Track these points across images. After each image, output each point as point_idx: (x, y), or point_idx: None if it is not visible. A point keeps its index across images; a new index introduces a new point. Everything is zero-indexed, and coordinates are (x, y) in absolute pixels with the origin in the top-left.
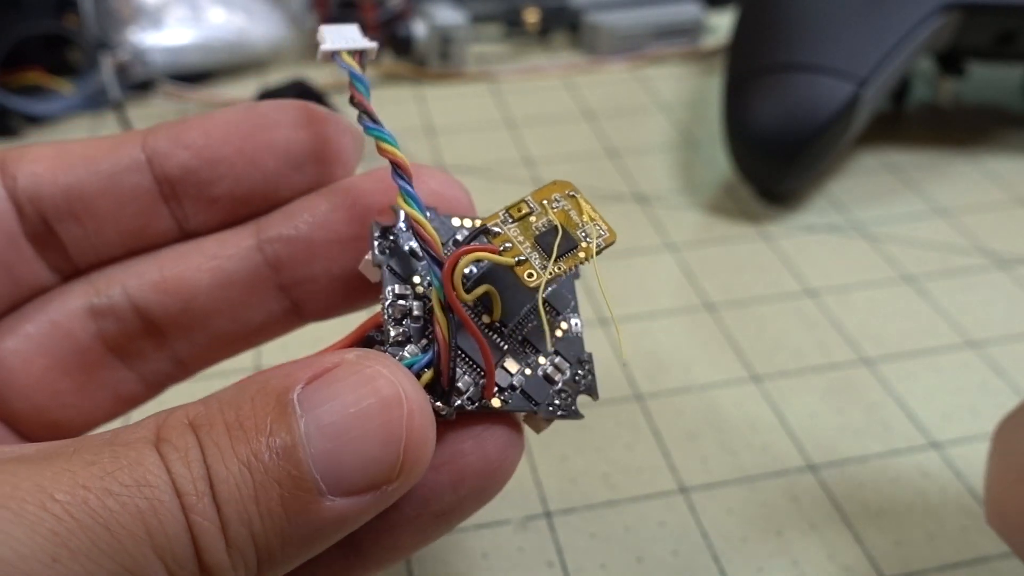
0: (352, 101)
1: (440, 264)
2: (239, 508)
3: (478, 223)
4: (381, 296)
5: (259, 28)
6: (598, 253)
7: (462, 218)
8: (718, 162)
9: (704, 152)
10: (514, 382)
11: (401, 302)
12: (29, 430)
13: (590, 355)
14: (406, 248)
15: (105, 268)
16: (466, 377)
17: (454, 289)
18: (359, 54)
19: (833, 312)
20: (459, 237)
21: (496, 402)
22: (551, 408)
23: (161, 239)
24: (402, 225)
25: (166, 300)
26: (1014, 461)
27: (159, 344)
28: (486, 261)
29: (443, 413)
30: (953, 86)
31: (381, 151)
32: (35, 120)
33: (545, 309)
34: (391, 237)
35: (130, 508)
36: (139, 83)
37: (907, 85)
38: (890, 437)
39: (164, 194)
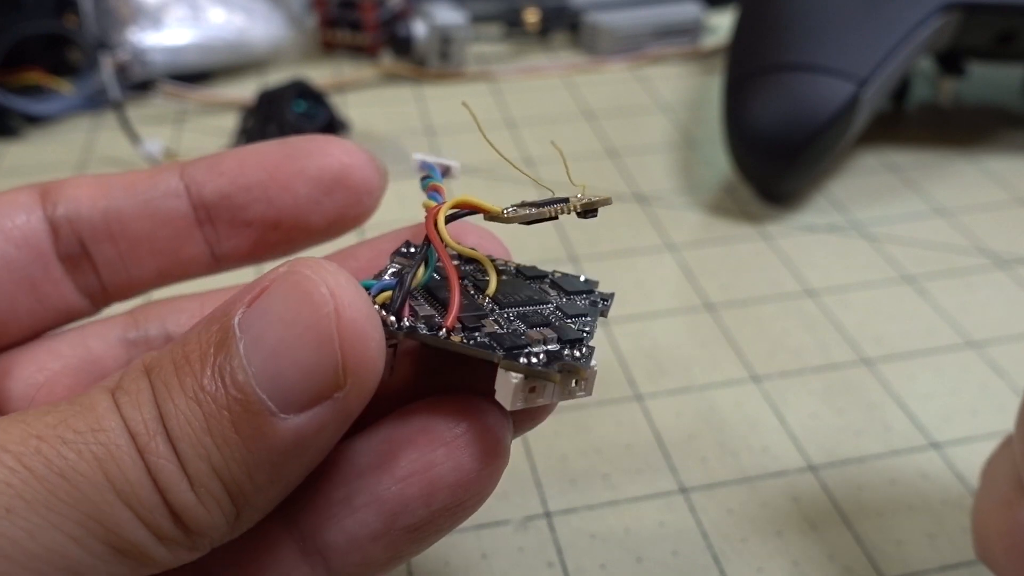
0: (423, 181)
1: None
2: (194, 442)
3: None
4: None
5: (259, 28)
6: (584, 208)
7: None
8: (718, 162)
9: (704, 152)
10: (484, 329)
11: (395, 267)
12: None
13: (592, 349)
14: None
15: (149, 306)
16: (429, 308)
17: (437, 226)
18: (446, 169)
19: (833, 312)
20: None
21: (456, 338)
22: (516, 353)
23: (192, 263)
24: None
25: None
26: (995, 491)
27: None
28: (473, 208)
29: (391, 327)
30: (953, 86)
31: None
32: (35, 120)
33: (556, 313)
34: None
35: (86, 455)
36: (139, 83)
37: (907, 85)
38: (890, 437)
39: (199, 219)
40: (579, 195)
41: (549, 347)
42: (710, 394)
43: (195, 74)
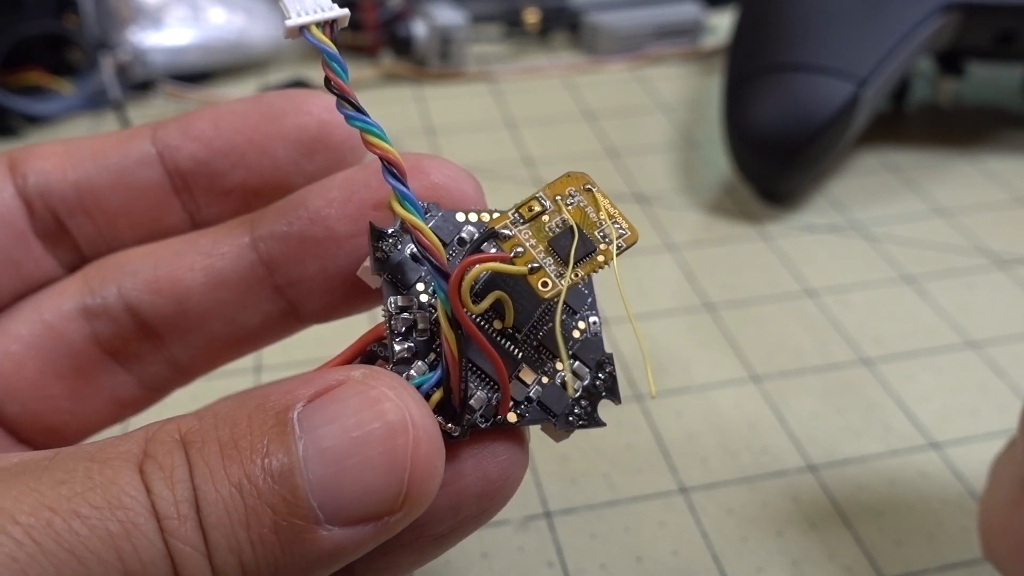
0: (329, 85)
1: (444, 274)
2: (228, 534)
3: (485, 217)
4: (383, 308)
5: (259, 28)
6: (618, 254)
7: (467, 212)
8: (718, 162)
9: (704, 152)
10: (530, 394)
11: (405, 315)
12: (27, 435)
13: (610, 356)
14: (407, 252)
15: (100, 263)
16: (479, 393)
17: (462, 303)
18: (330, 25)
19: (833, 312)
20: (464, 235)
21: (512, 417)
22: (571, 419)
23: (174, 232)
24: (400, 228)
25: (159, 301)
26: (1000, 491)
27: (156, 347)
28: (495, 272)
29: (455, 434)
30: (953, 86)
31: (368, 145)
32: (35, 120)
33: (561, 311)
34: (390, 240)
35: (100, 532)
36: (139, 83)
37: (907, 85)
38: (890, 437)
39: (176, 187)
40: (604, 234)
41: (585, 383)
42: (710, 394)
43: (195, 74)
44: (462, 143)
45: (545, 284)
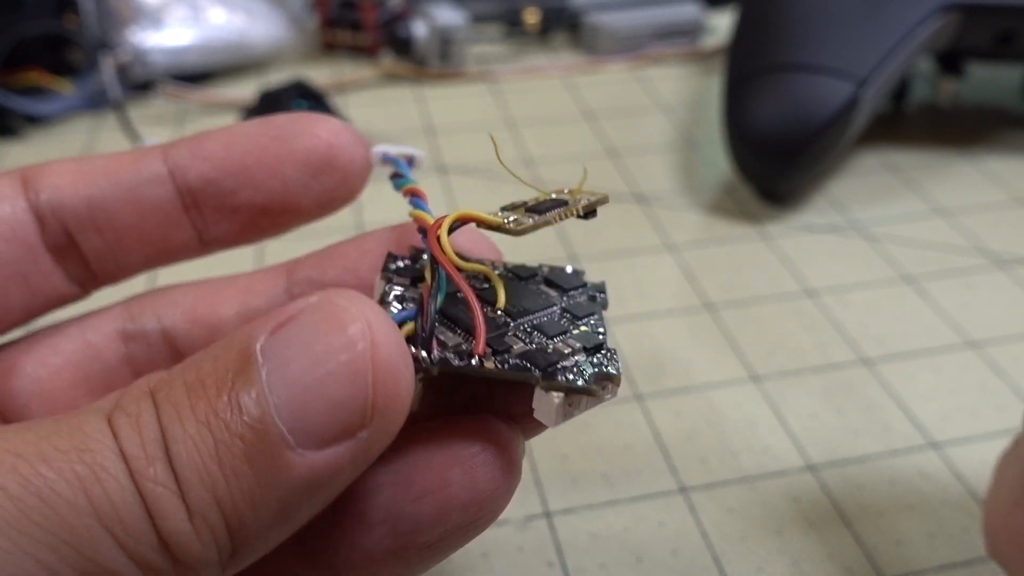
0: (394, 181)
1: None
2: (199, 470)
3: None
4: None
5: (259, 28)
6: (584, 210)
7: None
8: (718, 162)
9: (704, 152)
10: (514, 348)
11: (401, 277)
12: None
13: (612, 348)
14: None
15: (144, 295)
16: (455, 337)
17: (441, 247)
18: (409, 159)
19: (833, 312)
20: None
21: (489, 364)
22: (559, 377)
23: (181, 249)
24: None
25: (193, 330)
26: (1006, 491)
27: None
28: (476, 222)
29: (424, 363)
30: (953, 86)
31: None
32: (35, 120)
33: (565, 316)
34: (402, 266)
35: (67, 474)
36: (139, 83)
37: (907, 85)
38: (890, 437)
39: (185, 204)
40: (575, 195)
41: (577, 358)
42: (710, 394)
43: (196, 74)
44: (462, 143)
45: (516, 221)
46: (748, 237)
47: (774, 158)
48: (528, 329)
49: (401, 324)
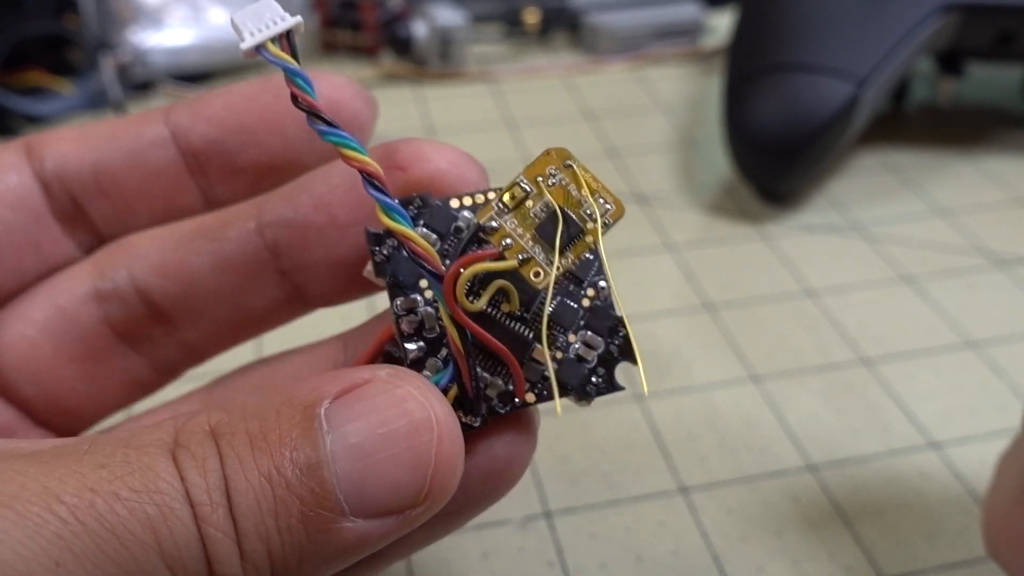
0: (296, 102)
1: (440, 277)
2: (257, 522)
3: (480, 199)
4: (391, 308)
5: None
6: (604, 233)
7: (461, 197)
8: (718, 162)
9: (704, 152)
10: (546, 372)
11: (411, 316)
12: (43, 417)
13: (622, 318)
14: (405, 252)
15: (109, 248)
16: (497, 380)
17: (459, 305)
18: (286, 38)
19: (833, 312)
20: (461, 223)
21: (530, 397)
22: (587, 389)
23: (188, 211)
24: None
25: (168, 284)
26: (1005, 490)
27: (166, 330)
28: (487, 272)
29: (475, 425)
30: (953, 86)
31: (345, 159)
32: (35, 120)
33: (568, 280)
34: (387, 242)
35: (138, 514)
36: (140, 83)
37: (907, 85)
38: (890, 437)
39: (189, 167)
40: (584, 194)
41: (599, 351)
42: (710, 394)
43: (196, 74)
44: (462, 143)
45: (537, 274)
46: (748, 237)
47: (774, 158)
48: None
49: (445, 390)
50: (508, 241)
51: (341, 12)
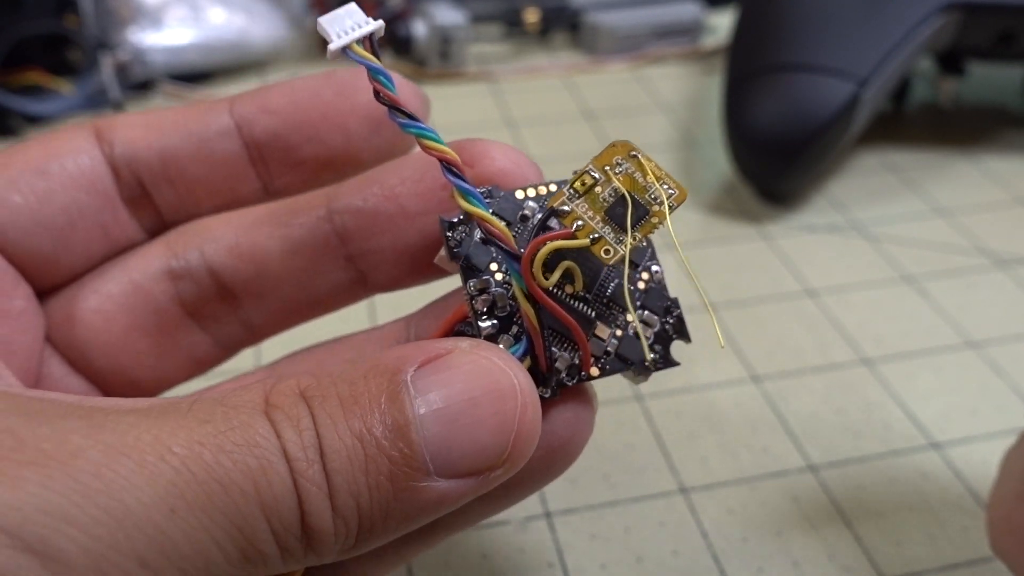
0: (379, 97)
1: (514, 256)
2: (348, 478)
3: (543, 191)
4: (463, 291)
5: (259, 28)
6: (671, 213)
7: (525, 189)
8: (718, 162)
9: (704, 152)
10: (608, 348)
11: (484, 295)
12: (110, 388)
13: (675, 300)
14: (477, 237)
15: (182, 229)
16: (564, 354)
17: (535, 280)
18: (369, 40)
19: (833, 312)
20: (526, 212)
21: (595, 371)
22: (646, 364)
23: (249, 201)
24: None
25: (239, 265)
26: (1010, 487)
27: (232, 308)
28: (559, 249)
29: (546, 395)
30: (953, 86)
31: (425, 149)
32: (35, 120)
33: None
34: (460, 228)
35: (241, 466)
36: (139, 83)
37: (907, 85)
38: (890, 437)
39: (252, 158)
40: (649, 179)
41: (656, 329)
42: (710, 394)
43: (195, 74)
44: None
45: (608, 252)
46: (748, 237)
47: (774, 158)
48: (606, 302)
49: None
50: (579, 223)
51: None
